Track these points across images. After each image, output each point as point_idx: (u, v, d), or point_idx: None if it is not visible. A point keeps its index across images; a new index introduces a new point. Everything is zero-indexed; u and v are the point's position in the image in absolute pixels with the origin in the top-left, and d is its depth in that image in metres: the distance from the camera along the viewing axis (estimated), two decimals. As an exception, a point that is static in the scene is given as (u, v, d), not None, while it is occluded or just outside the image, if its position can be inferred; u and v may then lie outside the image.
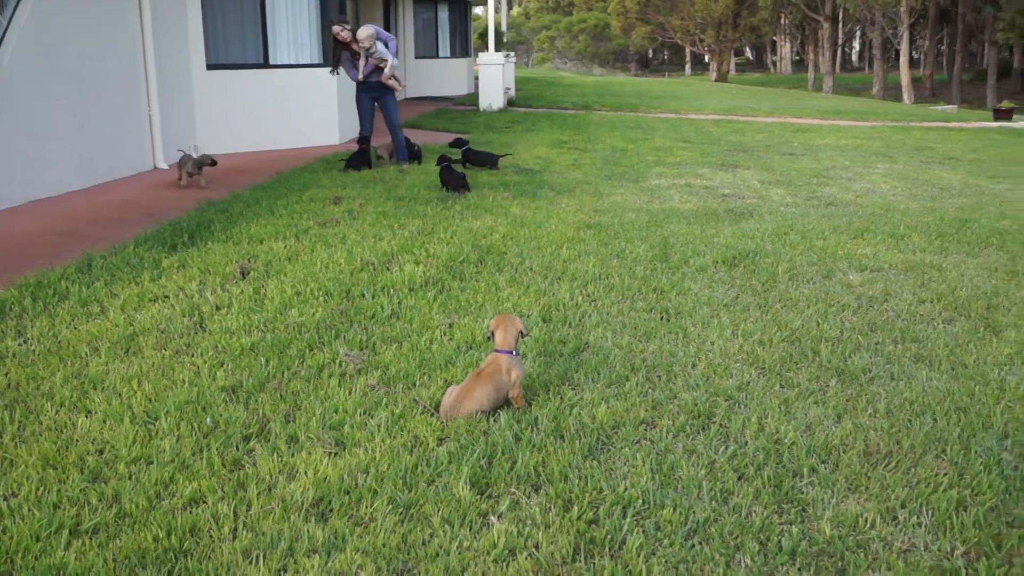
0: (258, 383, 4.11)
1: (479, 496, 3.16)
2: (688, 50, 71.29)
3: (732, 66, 65.18)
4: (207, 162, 10.11)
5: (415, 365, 4.34)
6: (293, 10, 13.86)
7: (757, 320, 5.14)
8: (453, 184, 9.43)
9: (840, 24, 57.79)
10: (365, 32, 10.89)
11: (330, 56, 11.53)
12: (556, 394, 4.01)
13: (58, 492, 3.15)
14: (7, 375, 4.21)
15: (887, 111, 26.31)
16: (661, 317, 5.20)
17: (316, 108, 14.20)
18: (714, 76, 56.75)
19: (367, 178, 10.32)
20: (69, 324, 4.93)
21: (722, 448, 3.53)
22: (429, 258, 6.40)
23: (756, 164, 12.60)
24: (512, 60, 24.97)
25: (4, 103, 8.49)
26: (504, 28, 34.03)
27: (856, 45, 78.92)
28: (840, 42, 62.43)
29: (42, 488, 3.18)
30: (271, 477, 3.28)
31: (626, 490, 3.18)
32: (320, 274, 5.96)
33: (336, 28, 10.96)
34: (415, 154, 11.80)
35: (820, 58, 54.74)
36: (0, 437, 3.57)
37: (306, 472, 3.30)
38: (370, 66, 11.12)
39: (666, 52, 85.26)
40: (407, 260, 6.33)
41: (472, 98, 25.03)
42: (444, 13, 27.87)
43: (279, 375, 4.23)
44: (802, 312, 5.31)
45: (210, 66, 12.84)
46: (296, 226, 7.47)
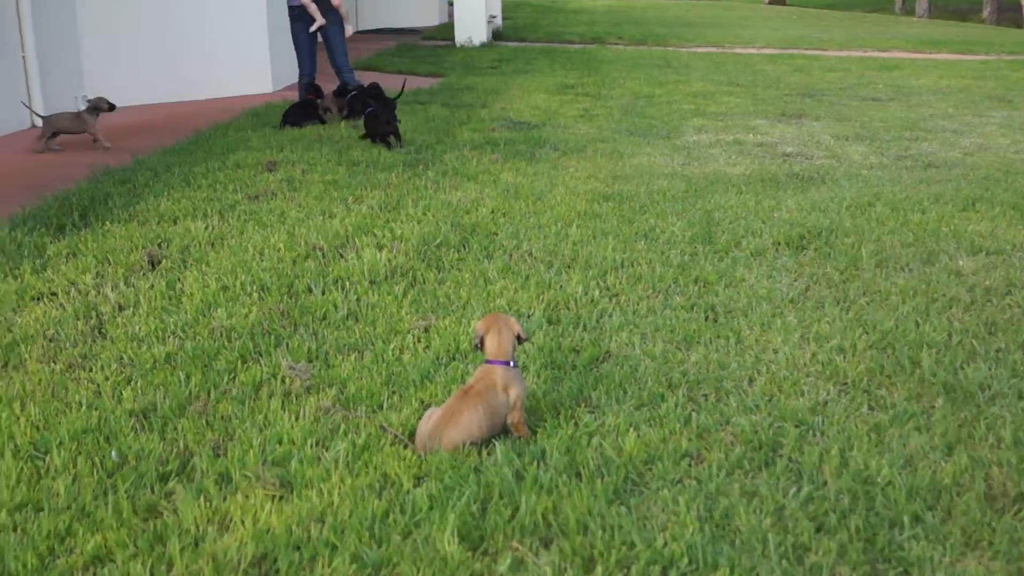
0: (177, 405, 4.14)
1: (471, 553, 3.19)
2: (733, -36, 71.27)
3: (791, -15, 65.24)
4: (103, 106, 10.07)
5: (381, 381, 4.37)
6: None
7: (835, 320, 5.18)
8: (379, 131, 9.84)
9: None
10: None
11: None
12: (569, 418, 4.04)
13: (-84, 551, 3.17)
14: None
15: (1003, 41, 26.44)
16: (706, 317, 5.23)
17: (242, 47, 14.21)
18: (767, -2, 56.84)
19: (310, 137, 10.34)
20: (-78, 331, 4.96)
21: (792, 490, 3.56)
22: (395, 241, 6.43)
23: (827, 113, 12.67)
24: (499, -21, 25.02)
25: None
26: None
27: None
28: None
29: None
30: (197, 528, 3.30)
31: (666, 545, 3.21)
32: (253, 263, 5.98)
33: None
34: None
35: (908, -26, 54.82)
36: None
37: (243, 521, 3.33)
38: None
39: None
40: (366, 244, 6.36)
41: (446, 30, 25.04)
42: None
43: (203, 395, 4.26)
44: (895, 309, 5.35)
45: (101, -10, 12.85)
46: (220, 200, 7.49)
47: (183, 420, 4.03)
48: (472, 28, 21.66)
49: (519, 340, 3.91)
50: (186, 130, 10.96)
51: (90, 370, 4.53)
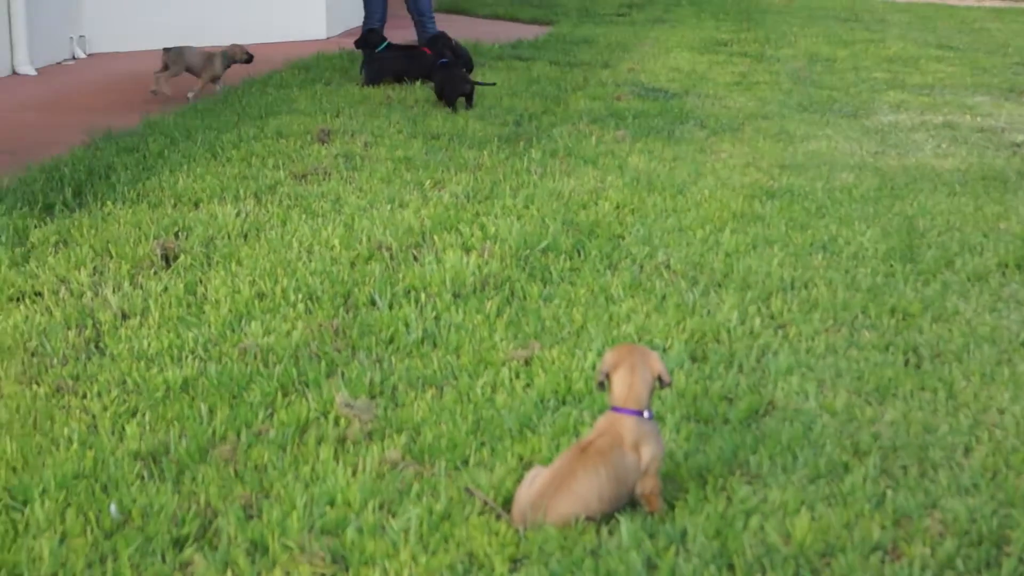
0: (196, 448, 4.16)
1: (584, 664, 3.17)
2: None
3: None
4: (239, 57, 10.56)
5: (466, 429, 4.36)
6: None
7: (1082, 372, 5.08)
8: (450, 91, 10.13)
9: None
10: None
11: None
12: (719, 490, 4.00)
13: None
14: None
15: None
16: (906, 361, 5.15)
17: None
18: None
19: (375, 99, 10.42)
20: None
21: (1022, 600, 3.49)
22: (487, 242, 6.44)
23: (1072, 91, 12.45)
24: None
25: None
26: None
27: None
28: None
29: None
30: (221, 614, 3.33)
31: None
32: (298, 264, 6.03)
33: None
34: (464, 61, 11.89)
35: None
36: None
37: (281, 608, 3.35)
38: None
39: None
40: (448, 244, 6.38)
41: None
42: None
43: (231, 436, 4.28)
44: None
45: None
46: (256, 179, 7.58)
47: (204, 468, 4.05)
48: (593, -39, 21.69)
49: (660, 383, 3.87)
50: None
51: (84, 396, 4.57)
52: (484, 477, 4.03)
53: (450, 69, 10.38)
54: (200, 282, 5.78)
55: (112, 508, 3.77)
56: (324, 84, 11.01)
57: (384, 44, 11.26)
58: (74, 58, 12.90)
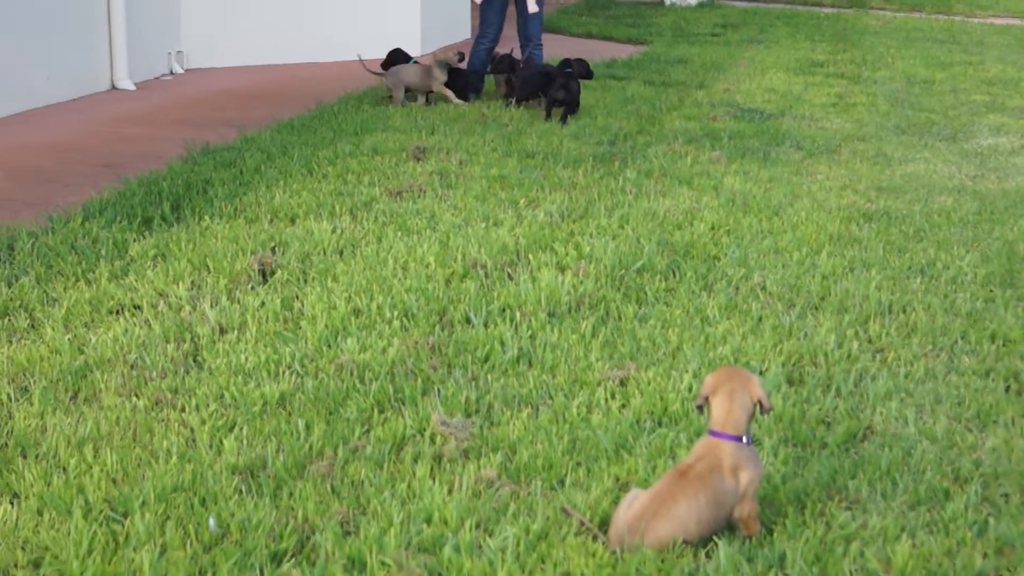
0: (293, 463, 4.20)
1: None
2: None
3: None
4: (453, 60, 10.93)
5: (562, 448, 4.36)
6: None
7: None
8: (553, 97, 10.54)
9: None
10: None
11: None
12: (817, 515, 3.97)
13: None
14: None
15: None
16: (1007, 387, 5.09)
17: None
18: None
19: (470, 118, 10.46)
20: (-24, 345, 5.17)
21: None
22: (582, 261, 6.44)
23: None
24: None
25: None
26: None
27: None
28: None
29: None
30: (318, 629, 3.35)
31: None
32: (394, 280, 6.07)
33: None
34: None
35: None
36: None
37: (378, 624, 3.36)
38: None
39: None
40: (543, 263, 6.39)
41: (652, -18, 25.12)
42: None
43: (328, 452, 4.32)
44: None
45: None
46: (352, 196, 7.64)
47: (302, 483, 4.09)
48: (687, -20, 21.68)
49: (760, 409, 3.85)
50: (307, 100, 11.23)
51: (182, 409, 4.64)
52: (580, 497, 4.03)
53: (549, 75, 10.62)
54: (296, 298, 5.84)
55: (211, 522, 3.81)
56: (418, 102, 11.07)
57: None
58: (172, 73, 13.06)
